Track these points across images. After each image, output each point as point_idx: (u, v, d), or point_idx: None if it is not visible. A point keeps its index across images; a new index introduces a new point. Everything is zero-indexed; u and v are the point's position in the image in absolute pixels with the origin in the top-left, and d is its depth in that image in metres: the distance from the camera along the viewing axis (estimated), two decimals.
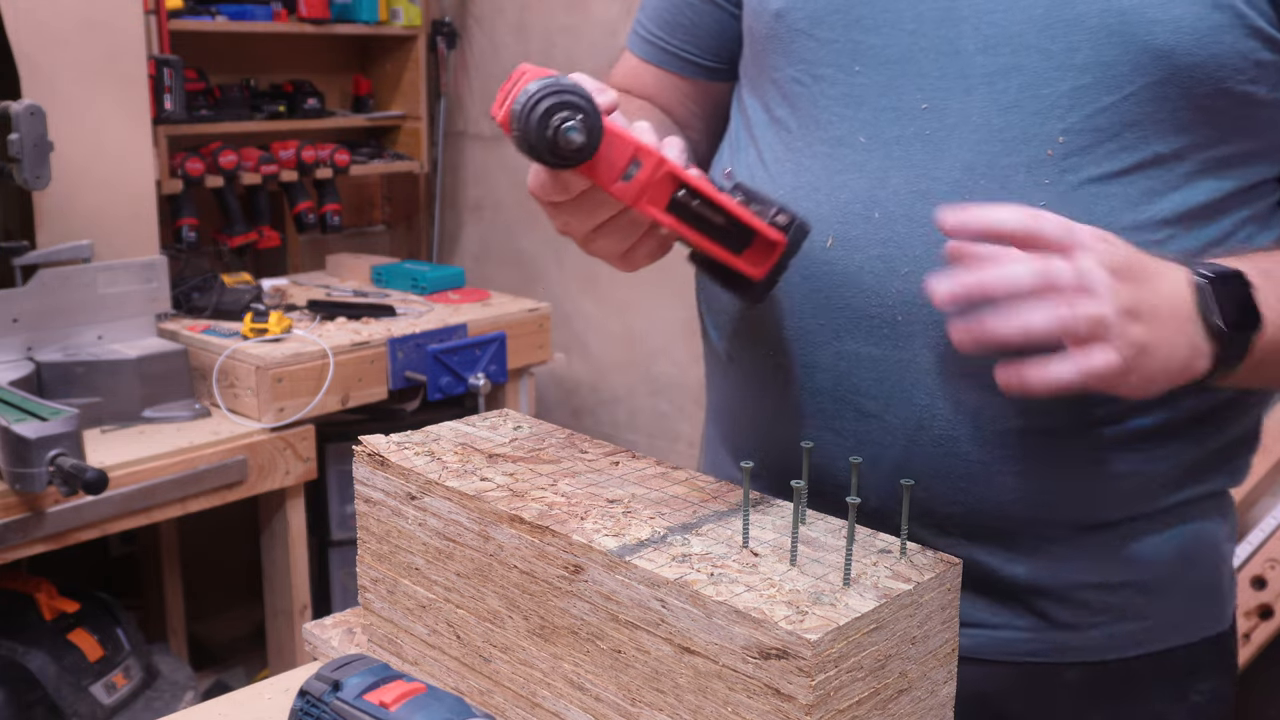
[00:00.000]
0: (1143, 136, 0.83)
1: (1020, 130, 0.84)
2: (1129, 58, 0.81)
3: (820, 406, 0.92)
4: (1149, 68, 0.81)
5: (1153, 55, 0.81)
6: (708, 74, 1.10)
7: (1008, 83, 0.84)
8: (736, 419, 1.04)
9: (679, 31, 1.09)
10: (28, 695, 1.88)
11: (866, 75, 0.89)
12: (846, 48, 0.90)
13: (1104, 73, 0.82)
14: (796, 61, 0.93)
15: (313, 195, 3.01)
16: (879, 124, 0.89)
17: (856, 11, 0.89)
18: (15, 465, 1.71)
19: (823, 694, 0.66)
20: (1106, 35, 0.81)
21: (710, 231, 0.80)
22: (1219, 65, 0.81)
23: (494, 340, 2.45)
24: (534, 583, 0.80)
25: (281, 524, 2.21)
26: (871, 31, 0.89)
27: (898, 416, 0.89)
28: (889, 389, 0.89)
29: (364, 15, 3.08)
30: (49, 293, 2.06)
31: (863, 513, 0.89)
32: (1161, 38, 0.80)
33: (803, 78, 0.93)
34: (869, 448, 0.90)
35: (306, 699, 0.76)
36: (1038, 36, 0.83)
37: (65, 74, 2.10)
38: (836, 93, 0.90)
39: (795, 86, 0.93)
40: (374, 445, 0.94)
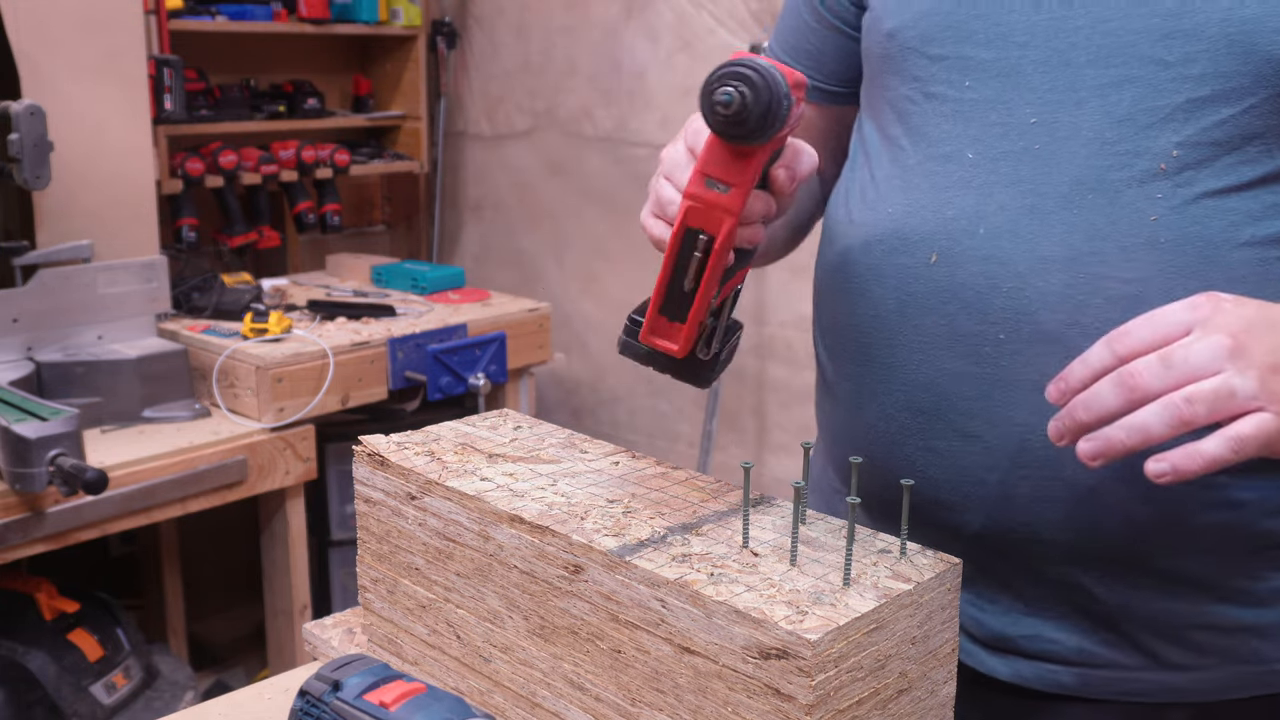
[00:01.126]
0: (1265, 149, 0.81)
1: (1132, 144, 0.82)
2: (1250, 69, 0.79)
3: (921, 426, 0.91)
4: (1272, 79, 0.79)
5: (1276, 66, 0.79)
6: (831, 98, 1.09)
7: (1120, 95, 0.82)
8: (838, 438, 1.02)
9: (803, 57, 1.09)
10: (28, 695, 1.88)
11: (976, 90, 0.88)
12: (957, 64, 0.89)
13: (1223, 84, 0.80)
14: (909, 80, 0.92)
15: (313, 195, 3.01)
16: (987, 139, 0.87)
17: (968, 27, 0.88)
18: (15, 465, 1.71)
19: (823, 694, 0.66)
20: (1227, 45, 0.79)
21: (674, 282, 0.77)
22: None
23: (494, 340, 2.45)
24: (534, 583, 0.80)
25: (281, 524, 2.21)
26: (982, 46, 0.88)
27: (999, 437, 0.87)
28: (991, 408, 0.87)
29: (364, 15, 3.08)
30: (49, 293, 2.06)
31: (965, 537, 0.88)
32: None
33: (915, 96, 0.92)
34: (970, 470, 0.88)
35: (306, 699, 0.76)
36: (1153, 47, 0.81)
37: (65, 74, 2.10)
38: (947, 109, 0.90)
39: (908, 105, 0.93)
40: (374, 445, 0.94)
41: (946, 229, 0.88)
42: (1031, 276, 0.84)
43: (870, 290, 0.94)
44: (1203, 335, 0.70)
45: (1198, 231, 0.80)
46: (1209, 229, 0.81)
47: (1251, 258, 0.80)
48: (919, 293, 0.90)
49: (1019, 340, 0.85)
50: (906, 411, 0.91)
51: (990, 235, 0.86)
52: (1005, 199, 0.86)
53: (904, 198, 0.92)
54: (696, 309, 0.76)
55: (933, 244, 0.89)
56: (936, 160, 0.90)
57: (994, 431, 0.87)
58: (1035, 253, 0.84)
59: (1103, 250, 0.82)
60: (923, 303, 0.89)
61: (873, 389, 0.94)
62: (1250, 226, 0.81)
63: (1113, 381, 0.71)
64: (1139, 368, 0.70)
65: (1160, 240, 0.81)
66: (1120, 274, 0.81)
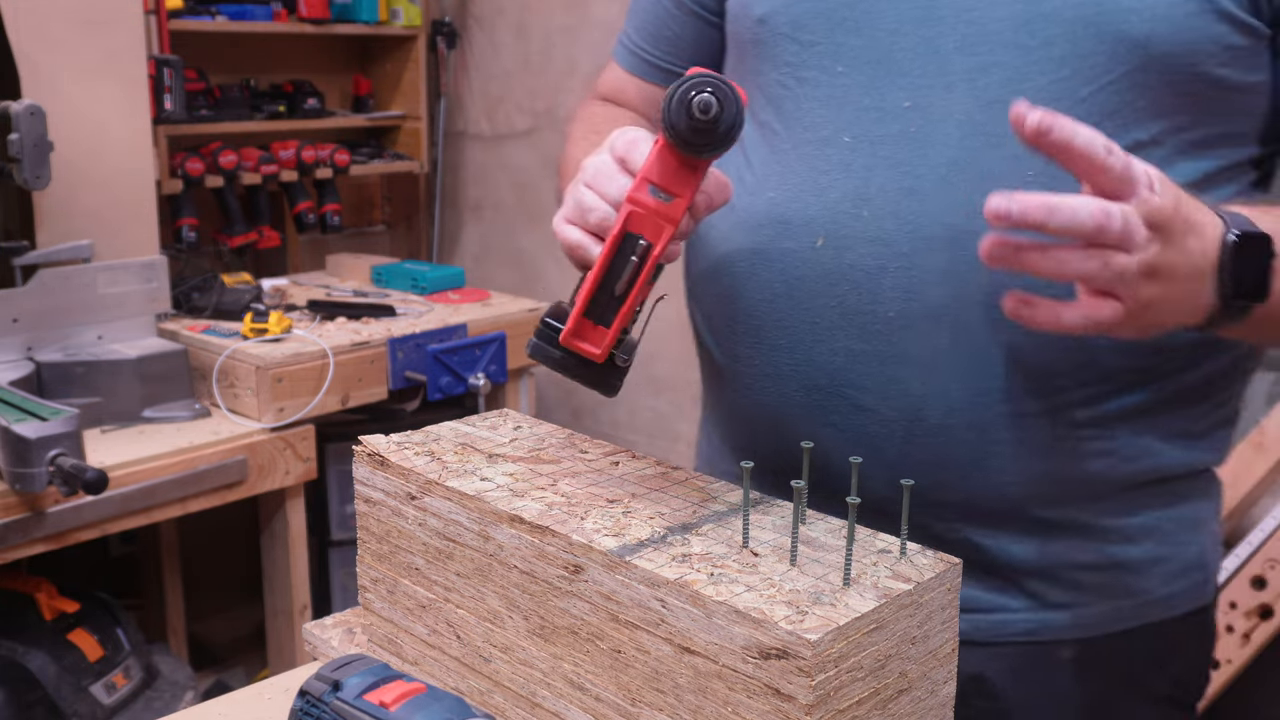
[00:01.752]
0: (1122, 124, 0.84)
1: (1002, 125, 0.83)
2: (1105, 48, 0.83)
3: (817, 403, 0.93)
4: (1125, 57, 0.83)
5: (1129, 45, 0.83)
6: None
7: (988, 79, 0.85)
8: (733, 418, 1.05)
9: (663, 44, 1.11)
10: (28, 695, 1.88)
11: (850, 76, 0.90)
12: (829, 49, 0.91)
13: (1081, 64, 0.84)
14: (780, 65, 0.94)
15: (313, 195, 3.01)
16: (863, 123, 0.90)
17: (839, 14, 0.91)
18: (15, 465, 1.71)
19: (823, 694, 0.66)
20: (1083, 27, 0.83)
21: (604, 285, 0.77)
22: (1193, 51, 0.83)
23: (494, 340, 2.45)
24: (534, 583, 0.80)
25: (281, 524, 2.21)
26: (853, 33, 0.90)
27: (894, 409, 0.90)
28: (884, 383, 0.90)
29: (364, 15, 3.08)
30: (49, 293, 2.06)
31: (864, 506, 0.90)
32: (1137, 27, 0.82)
33: (787, 81, 0.94)
34: (867, 441, 0.91)
35: (306, 699, 0.76)
36: (1015, 33, 0.85)
37: (65, 74, 2.10)
38: (821, 94, 0.92)
39: (780, 90, 0.94)
40: (374, 445, 0.94)
41: (830, 212, 0.90)
42: (916, 255, 0.87)
43: (758, 274, 0.96)
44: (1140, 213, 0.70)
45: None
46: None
47: None
48: (807, 276, 0.92)
49: (908, 317, 0.88)
50: (802, 390, 0.94)
51: (874, 217, 0.88)
52: (885, 181, 0.88)
53: (783, 182, 0.94)
54: (624, 313, 0.78)
55: (817, 227, 0.91)
56: (813, 144, 0.92)
57: (888, 404, 0.90)
58: (918, 233, 0.87)
59: (981, 228, 0.82)
60: (812, 285, 0.92)
61: (766, 370, 0.97)
62: None
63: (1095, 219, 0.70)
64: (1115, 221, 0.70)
65: None
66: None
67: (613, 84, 1.17)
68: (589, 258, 0.81)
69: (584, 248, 0.82)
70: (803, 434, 0.94)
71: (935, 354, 0.88)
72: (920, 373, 0.89)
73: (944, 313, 0.87)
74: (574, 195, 0.83)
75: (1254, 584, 2.03)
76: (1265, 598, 2.01)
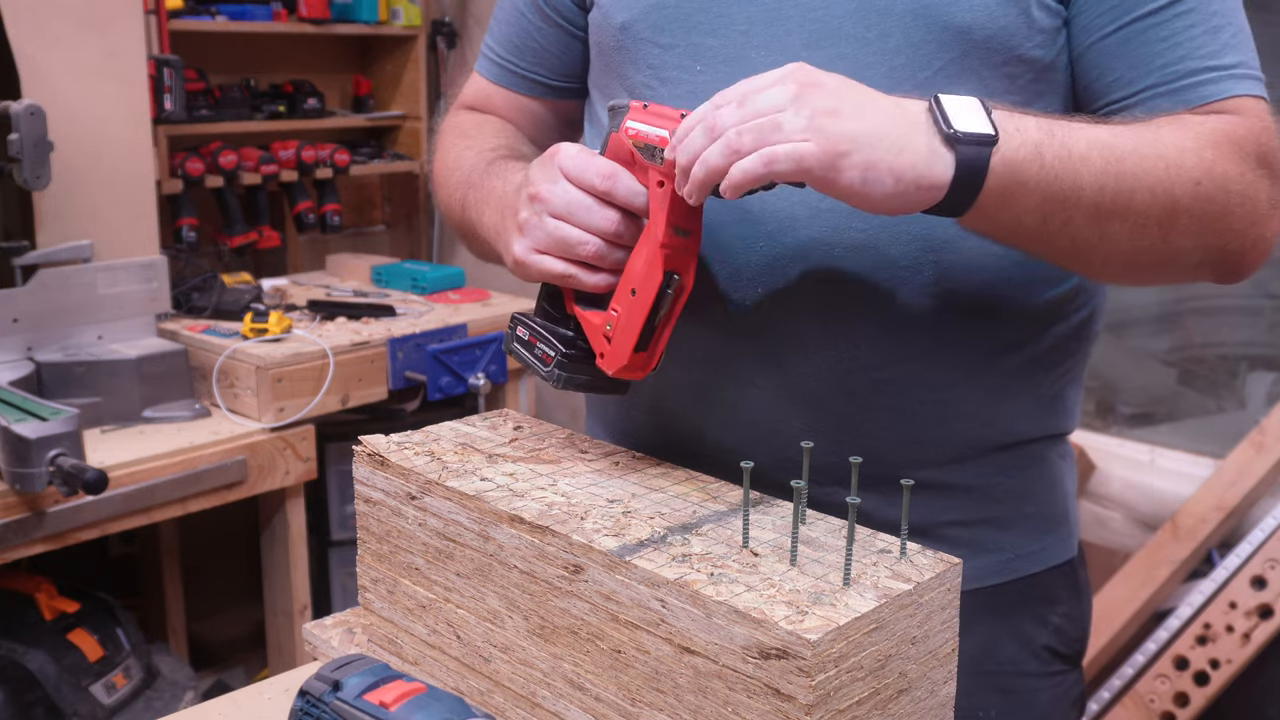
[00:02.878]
0: None
1: None
2: (934, 37, 0.91)
3: (698, 380, 0.99)
4: (952, 44, 0.91)
5: (954, 33, 0.91)
6: (556, 93, 1.18)
7: (834, 70, 0.87)
8: (619, 403, 1.09)
9: (526, 55, 1.17)
10: (28, 695, 1.88)
11: (708, 74, 0.97)
12: (688, 50, 0.98)
13: (915, 53, 0.92)
14: (644, 68, 1.01)
15: (313, 195, 3.01)
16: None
17: (695, 18, 0.98)
18: (15, 465, 1.71)
19: (823, 694, 0.66)
20: (913, 19, 0.92)
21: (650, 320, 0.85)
22: (1009, 35, 0.92)
23: (494, 340, 2.45)
24: (534, 583, 0.80)
25: (281, 524, 2.21)
26: (709, 34, 0.97)
27: (768, 382, 0.97)
28: (759, 356, 0.96)
29: (364, 15, 3.08)
30: (49, 293, 2.06)
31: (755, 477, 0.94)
32: (959, 16, 0.91)
33: (651, 81, 1.01)
34: (745, 414, 0.98)
35: (306, 699, 0.76)
36: (855, 26, 0.93)
37: (65, 74, 2.10)
38: (682, 91, 0.98)
39: (645, 90, 1.01)
40: (374, 445, 0.94)
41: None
42: (780, 235, 0.94)
43: None
44: (777, 81, 0.78)
45: None
46: None
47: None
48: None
49: (773, 291, 0.95)
50: (684, 369, 0.99)
51: (738, 201, 0.91)
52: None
53: None
54: (664, 340, 0.87)
55: None
56: None
57: (763, 378, 0.97)
58: (781, 213, 0.94)
59: (838, 206, 0.90)
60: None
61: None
62: None
63: (701, 126, 0.79)
64: (720, 111, 0.79)
65: None
66: (855, 224, 0.92)
67: (478, 95, 1.23)
68: (581, 285, 0.88)
69: (574, 278, 0.88)
70: (685, 411, 1.01)
71: (798, 323, 0.94)
72: (791, 344, 0.95)
73: (809, 288, 0.93)
74: (542, 228, 0.88)
75: (1254, 584, 2.03)
76: (1265, 598, 2.01)
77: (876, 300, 0.93)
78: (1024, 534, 1.05)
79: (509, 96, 1.20)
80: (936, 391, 0.97)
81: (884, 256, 0.93)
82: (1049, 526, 1.07)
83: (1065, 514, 1.09)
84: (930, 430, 0.98)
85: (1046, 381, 1.02)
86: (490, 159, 1.08)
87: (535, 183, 0.90)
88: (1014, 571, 1.04)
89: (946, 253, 0.93)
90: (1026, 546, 1.05)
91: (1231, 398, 2.36)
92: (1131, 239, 0.86)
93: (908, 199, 0.78)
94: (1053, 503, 1.07)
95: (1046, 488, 1.06)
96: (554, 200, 0.88)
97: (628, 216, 0.87)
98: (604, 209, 0.87)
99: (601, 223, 0.87)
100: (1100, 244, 0.87)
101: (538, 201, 0.89)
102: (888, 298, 0.94)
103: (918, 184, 0.78)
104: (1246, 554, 2.06)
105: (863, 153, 0.76)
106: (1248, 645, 2.02)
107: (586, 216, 0.87)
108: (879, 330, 0.94)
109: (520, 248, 0.90)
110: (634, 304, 0.85)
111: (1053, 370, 1.02)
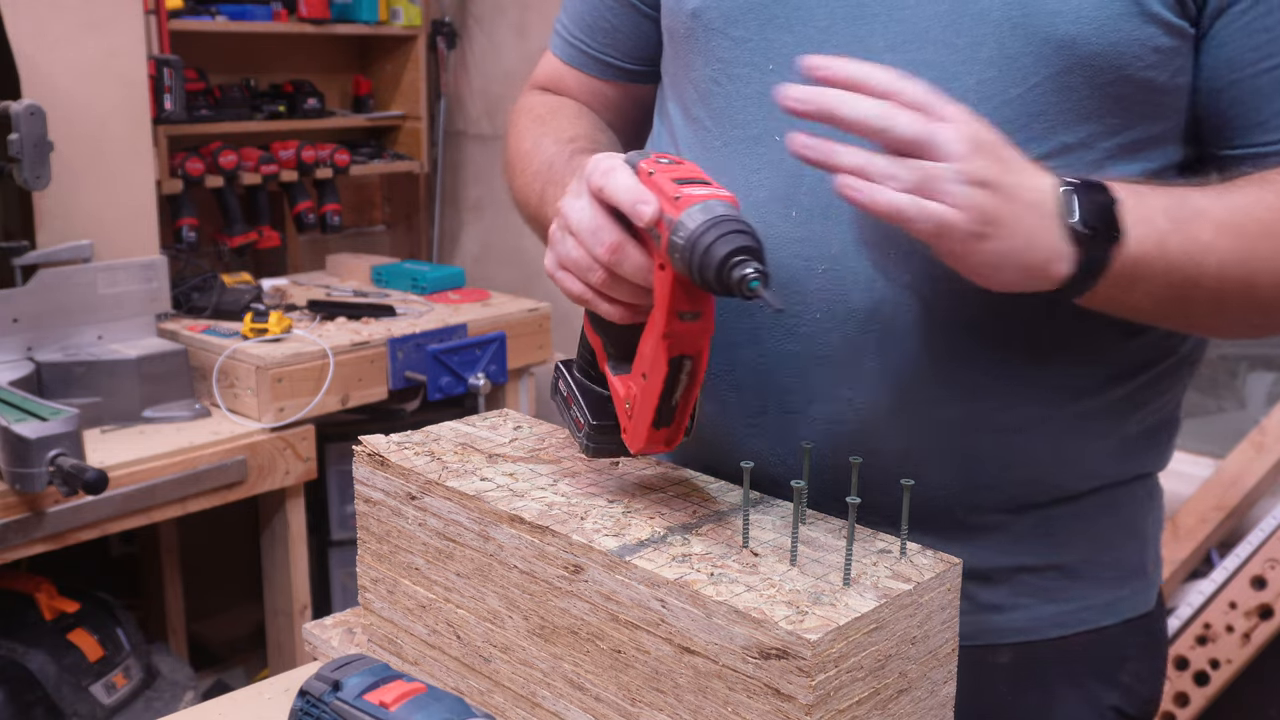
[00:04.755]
0: (1049, 126, 0.84)
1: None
2: (1032, 49, 0.83)
3: (744, 403, 0.93)
4: (1052, 58, 0.83)
5: (1055, 46, 0.82)
6: (629, 76, 1.11)
7: (917, 78, 0.83)
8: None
9: (599, 35, 1.10)
10: (28, 695, 1.88)
11: (780, 74, 0.89)
12: (761, 46, 0.91)
13: (1008, 66, 0.83)
14: (713, 61, 0.94)
15: (313, 195, 3.01)
16: (794, 122, 0.88)
17: (771, 10, 0.90)
18: (15, 465, 1.71)
19: (823, 694, 0.66)
20: (1010, 29, 0.83)
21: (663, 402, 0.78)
22: (1119, 53, 0.82)
23: (494, 340, 2.45)
24: (534, 583, 0.80)
25: (281, 524, 2.21)
26: (785, 30, 0.90)
27: (820, 411, 0.90)
28: (809, 384, 0.90)
29: (364, 15, 3.08)
30: (49, 293, 2.06)
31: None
32: (1063, 28, 0.82)
33: (719, 77, 0.93)
34: (791, 442, 0.91)
35: (306, 699, 0.76)
36: (943, 32, 0.85)
37: (65, 74, 2.10)
38: (751, 91, 0.91)
39: (712, 86, 0.94)
40: (374, 445, 0.94)
41: (759, 211, 0.89)
42: (843, 257, 0.87)
43: None
44: (950, 130, 0.73)
45: None
46: None
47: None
48: None
49: (833, 319, 0.88)
50: (730, 389, 0.94)
51: (802, 218, 0.88)
52: (814, 182, 0.87)
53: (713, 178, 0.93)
54: (688, 412, 0.79)
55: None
56: (744, 142, 0.92)
57: (813, 406, 0.90)
58: (846, 234, 0.87)
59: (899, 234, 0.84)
60: None
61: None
62: None
63: (881, 113, 0.73)
64: (908, 119, 0.73)
65: None
66: (923, 250, 0.83)
67: (550, 75, 1.17)
68: (599, 311, 0.81)
69: (591, 303, 0.81)
70: (729, 430, 0.95)
71: (860, 357, 0.88)
72: (845, 375, 0.88)
73: (870, 315, 0.87)
74: (563, 244, 0.81)
75: (1254, 584, 2.03)
76: (1265, 598, 2.01)
77: (939, 338, 0.87)
78: (1096, 584, 0.96)
79: (581, 78, 1.13)
80: (1003, 434, 0.89)
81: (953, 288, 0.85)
82: (1125, 577, 0.98)
83: (1143, 564, 1.00)
84: (995, 473, 0.91)
85: (1134, 420, 0.94)
86: (570, 152, 1.01)
87: (568, 193, 0.82)
88: (1082, 623, 0.96)
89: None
90: (1098, 597, 0.97)
91: (1231, 398, 2.36)
92: (1253, 315, 0.84)
93: (1024, 286, 0.76)
94: (1131, 551, 0.99)
95: (1125, 534, 0.98)
96: (572, 217, 0.80)
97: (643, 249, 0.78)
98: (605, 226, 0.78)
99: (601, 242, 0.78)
100: (1218, 321, 0.85)
101: (561, 215, 0.81)
102: (951, 336, 0.87)
103: (1039, 276, 0.76)
104: (1246, 554, 2.06)
105: (1002, 240, 0.73)
106: (1248, 645, 2.02)
107: (594, 239, 0.78)
108: (938, 369, 0.88)
109: (548, 261, 0.84)
110: (646, 387, 0.78)
111: (1143, 408, 0.94)
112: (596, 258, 0.78)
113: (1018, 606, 0.94)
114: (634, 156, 0.79)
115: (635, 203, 0.74)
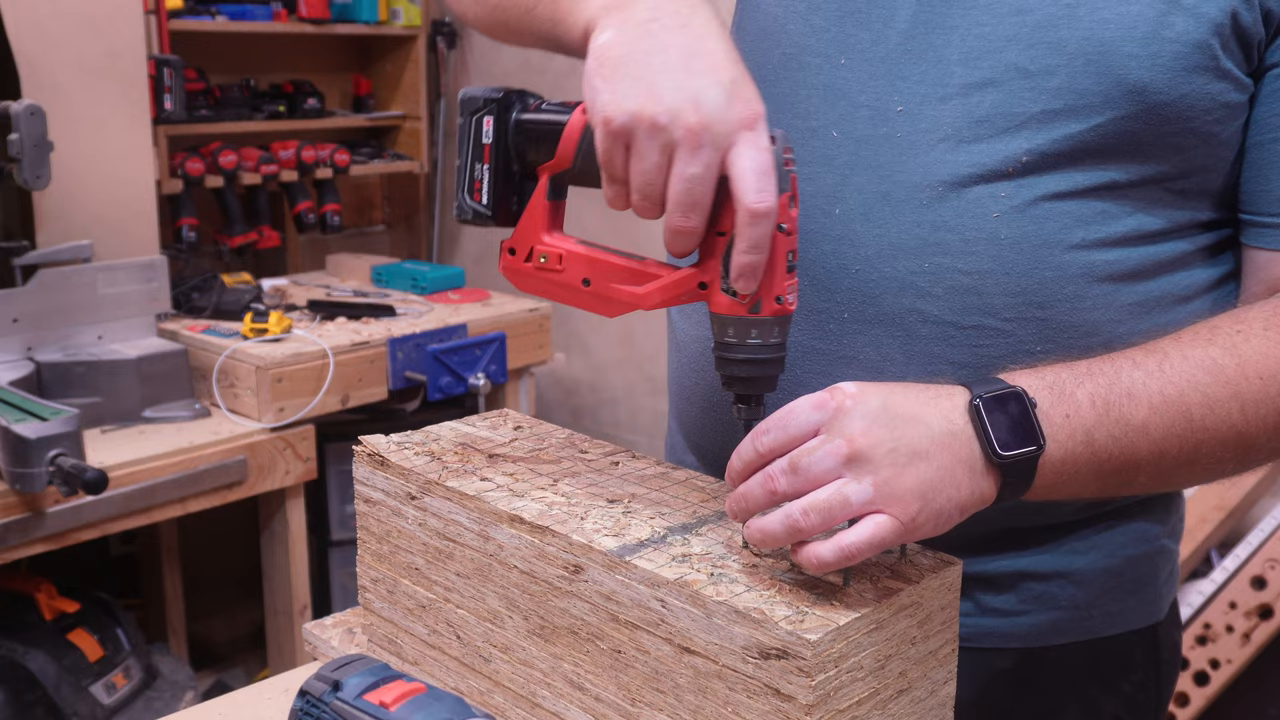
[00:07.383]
0: (1102, 164, 0.84)
1: (987, 144, 0.84)
2: (1102, 89, 0.81)
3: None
4: (1120, 101, 0.81)
5: (1127, 90, 0.81)
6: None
7: (983, 96, 0.84)
8: (688, 398, 1.05)
9: None
10: (28, 695, 1.88)
11: (850, 70, 0.89)
12: (837, 39, 0.90)
13: (1075, 101, 0.82)
14: (786, 44, 0.93)
15: (313, 195, 3.01)
16: (853, 121, 0.89)
17: (852, 3, 0.89)
18: (15, 465, 1.71)
19: (823, 694, 0.66)
20: (1084, 64, 0.81)
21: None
22: (1189, 105, 0.81)
23: (494, 340, 2.45)
24: (534, 583, 0.80)
25: (281, 524, 2.21)
26: (863, 26, 0.89)
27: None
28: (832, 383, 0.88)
29: (364, 15, 3.08)
30: (49, 293, 2.06)
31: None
32: (1137, 73, 0.80)
33: (788, 64, 0.92)
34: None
35: (306, 699, 0.76)
36: (1018, 55, 0.83)
37: (65, 74, 2.10)
38: (819, 82, 0.90)
39: (780, 71, 0.93)
40: (374, 445, 0.94)
41: (804, 205, 0.88)
42: (879, 261, 0.86)
43: None
44: (825, 441, 0.70)
45: (1034, 231, 0.84)
46: (1044, 229, 0.84)
47: (1079, 257, 0.84)
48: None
49: (861, 321, 0.88)
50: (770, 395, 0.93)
51: (845, 217, 0.88)
52: (862, 182, 0.87)
53: None
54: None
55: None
56: (800, 133, 0.91)
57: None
58: (884, 238, 0.86)
59: (946, 241, 0.84)
60: None
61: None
62: (1080, 229, 0.84)
63: (759, 483, 0.72)
64: (774, 471, 0.71)
65: (1000, 236, 0.84)
66: (961, 265, 0.84)
67: None
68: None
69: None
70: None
71: (884, 361, 0.87)
72: (866, 378, 0.86)
73: (898, 322, 0.86)
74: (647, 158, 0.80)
75: (1254, 584, 2.03)
76: (1265, 598, 2.01)
77: (962, 348, 0.86)
78: (1103, 592, 0.95)
79: None
80: None
81: (984, 304, 0.85)
82: (1133, 587, 0.97)
83: (1154, 574, 0.98)
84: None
85: None
86: None
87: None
88: (1086, 632, 0.96)
89: (1052, 309, 0.85)
90: (1104, 606, 0.96)
91: None
92: (1203, 476, 0.82)
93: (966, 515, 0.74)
94: (1142, 561, 0.97)
95: (1138, 544, 0.96)
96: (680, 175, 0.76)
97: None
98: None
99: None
100: (1170, 486, 0.84)
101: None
102: (974, 346, 0.86)
103: (975, 505, 0.73)
104: (1246, 555, 2.06)
105: (931, 503, 0.70)
106: (1248, 645, 2.02)
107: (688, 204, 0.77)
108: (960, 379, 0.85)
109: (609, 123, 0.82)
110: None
111: None
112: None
113: (1022, 612, 0.94)
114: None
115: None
